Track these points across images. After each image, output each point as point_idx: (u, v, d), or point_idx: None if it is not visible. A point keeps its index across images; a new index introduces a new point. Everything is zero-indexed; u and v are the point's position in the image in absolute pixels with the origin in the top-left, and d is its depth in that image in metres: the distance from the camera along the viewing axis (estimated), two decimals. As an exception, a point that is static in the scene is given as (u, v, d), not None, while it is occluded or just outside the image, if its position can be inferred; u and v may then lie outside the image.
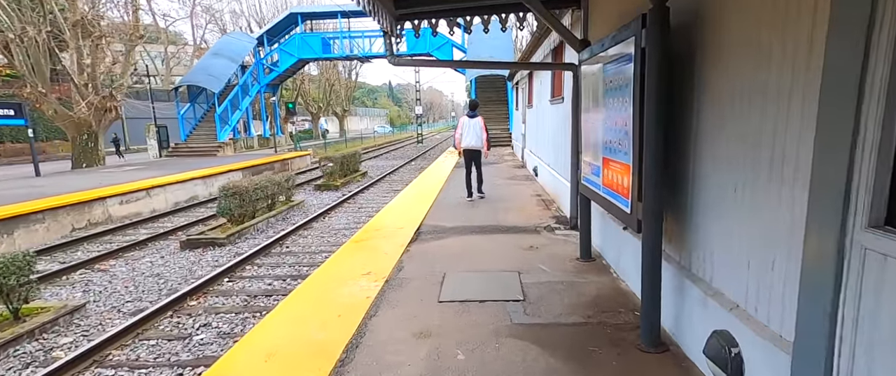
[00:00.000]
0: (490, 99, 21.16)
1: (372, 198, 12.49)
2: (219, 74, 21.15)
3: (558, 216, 6.36)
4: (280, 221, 9.82)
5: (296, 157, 20.38)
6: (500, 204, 7.41)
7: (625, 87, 2.80)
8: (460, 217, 6.52)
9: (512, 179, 10.33)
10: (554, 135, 7.63)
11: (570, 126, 5.43)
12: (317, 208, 11.31)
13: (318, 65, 40.29)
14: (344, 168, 15.42)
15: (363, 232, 5.93)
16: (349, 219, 9.99)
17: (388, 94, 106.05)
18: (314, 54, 25.19)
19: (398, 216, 6.91)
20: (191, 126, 22.35)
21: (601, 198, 3.43)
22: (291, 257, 7.17)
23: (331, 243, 7.92)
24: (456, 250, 4.84)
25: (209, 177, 13.76)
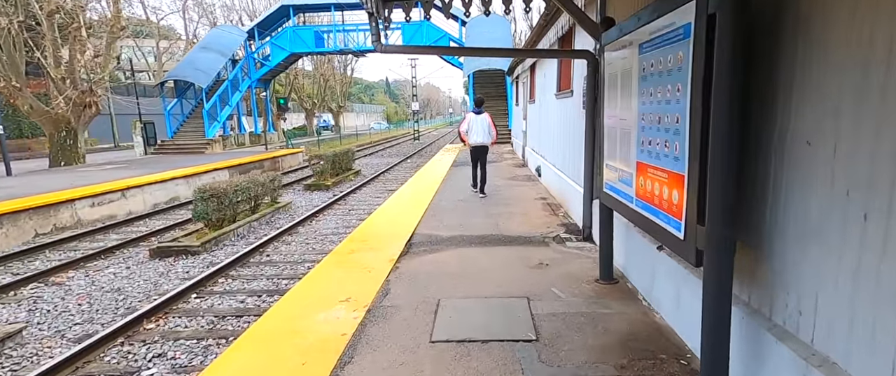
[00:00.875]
0: (488, 94, 20.41)
1: (364, 199, 11.79)
2: (207, 69, 20.35)
3: (567, 223, 5.69)
4: (263, 225, 9.12)
5: (287, 155, 19.64)
6: (501, 208, 6.72)
7: (674, 73, 2.12)
8: (457, 224, 5.84)
9: (513, 180, 9.64)
10: (561, 132, 6.95)
11: (584, 123, 4.75)
12: (305, 210, 10.61)
13: (312, 60, 39.47)
14: (335, 166, 14.71)
15: (348, 241, 5.24)
16: (338, 222, 9.29)
17: (385, 90, 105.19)
18: (307, 48, 24.40)
19: (389, 221, 6.23)
20: (178, 122, 21.55)
21: (633, 213, 2.75)
22: (271, 268, 6.48)
23: (316, 251, 7.23)
24: (452, 267, 4.16)
25: (192, 177, 13.02)
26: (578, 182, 5.63)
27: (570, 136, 6.25)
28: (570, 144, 6.24)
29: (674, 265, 2.75)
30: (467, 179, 9.79)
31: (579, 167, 5.48)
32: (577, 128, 5.74)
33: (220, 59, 21.45)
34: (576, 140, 5.81)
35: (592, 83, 4.54)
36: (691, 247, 1.99)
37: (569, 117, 6.31)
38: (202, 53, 21.12)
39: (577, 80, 5.82)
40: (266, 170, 17.65)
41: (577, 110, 5.73)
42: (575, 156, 5.85)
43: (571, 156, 6.13)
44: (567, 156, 6.44)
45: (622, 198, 2.95)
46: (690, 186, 1.99)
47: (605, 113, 3.31)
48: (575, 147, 5.85)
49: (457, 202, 7.38)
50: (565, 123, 6.55)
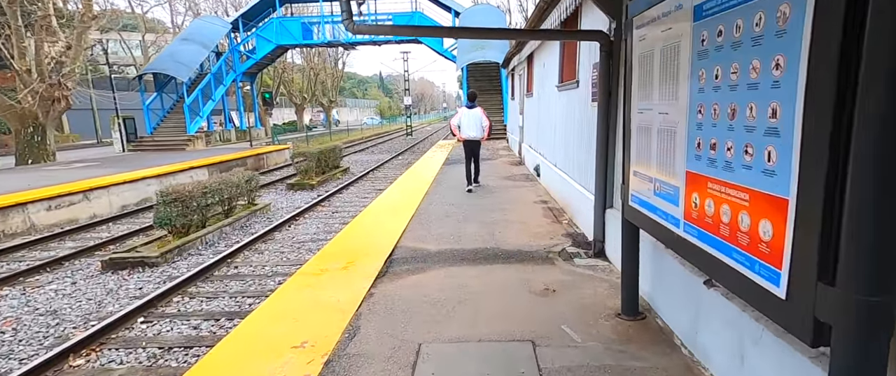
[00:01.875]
0: (482, 88, 19.66)
1: (350, 200, 11.02)
2: (188, 61, 19.40)
3: (573, 233, 4.96)
4: (237, 231, 8.32)
5: (272, 152, 18.78)
6: (497, 214, 5.99)
7: (768, 41, 1.38)
8: (447, 234, 5.10)
9: (509, 179, 8.91)
10: (563, 129, 6.21)
11: (595, 119, 4.01)
12: (285, 212, 9.83)
13: (302, 53, 38.45)
14: (321, 164, 13.91)
15: (320, 257, 4.48)
16: (319, 226, 8.52)
17: (379, 85, 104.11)
18: (294, 40, 23.46)
19: (372, 229, 5.48)
20: (158, 118, 20.59)
21: (679, 241, 2.02)
22: (237, 282, 5.71)
23: (290, 262, 6.46)
24: (439, 294, 3.42)
25: (166, 176, 12.17)
26: (586, 186, 4.91)
27: (574, 134, 5.52)
28: (575, 143, 5.51)
29: (734, 310, 2.03)
30: (460, 179, 9.05)
31: (588, 169, 4.75)
32: (584, 125, 5.01)
33: (202, 51, 20.48)
34: (582, 138, 5.07)
35: (606, 71, 3.81)
36: (804, 317, 1.26)
37: (574, 112, 5.57)
38: (183, 45, 20.14)
39: (583, 69, 5.08)
40: (249, 167, 16.80)
41: (585, 104, 4.99)
42: (581, 156, 5.12)
43: (577, 157, 5.40)
44: (571, 155, 5.71)
45: (659, 218, 2.22)
46: (804, 219, 1.25)
47: (633, 105, 2.57)
48: (581, 146, 5.12)
49: (448, 206, 6.63)
50: (569, 119, 5.82)
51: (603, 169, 3.97)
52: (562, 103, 6.34)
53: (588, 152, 4.84)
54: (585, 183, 4.94)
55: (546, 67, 7.71)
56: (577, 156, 5.36)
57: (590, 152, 4.75)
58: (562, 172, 6.31)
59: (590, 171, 4.71)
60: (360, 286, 3.58)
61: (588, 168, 4.81)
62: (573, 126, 5.59)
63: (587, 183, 4.86)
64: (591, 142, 4.69)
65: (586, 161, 4.90)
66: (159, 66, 19.06)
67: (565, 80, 6.18)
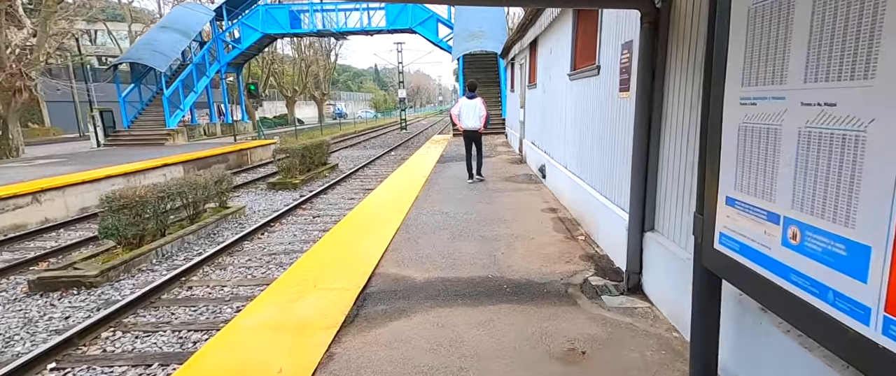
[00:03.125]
0: (479, 80, 18.50)
1: (335, 202, 10.03)
2: (167, 50, 18.23)
3: (594, 255, 4.01)
4: (202, 240, 7.33)
5: (257, 147, 17.72)
6: (499, 227, 5.03)
7: None
8: (439, 254, 4.14)
9: (510, 181, 7.95)
10: (578, 124, 5.25)
11: (631, 113, 3.06)
12: (261, 216, 8.85)
13: (292, 44, 37.19)
14: (306, 161, 12.90)
15: (278, 286, 3.52)
16: (296, 233, 7.55)
17: (374, 78, 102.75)
18: (281, 29, 22.29)
19: (350, 243, 4.53)
20: (136, 111, 19.45)
21: (869, 348, 1.07)
22: (186, 310, 4.74)
23: (255, 281, 5.50)
24: (426, 359, 2.46)
25: (135, 174, 11.13)
26: (611, 196, 3.95)
27: (593, 132, 4.55)
28: (593, 143, 4.55)
29: None
30: (454, 179, 8.10)
31: (613, 177, 3.80)
32: (606, 121, 4.05)
33: (183, 39, 19.31)
34: (604, 137, 4.12)
35: (649, 48, 2.84)
36: None
37: (592, 105, 4.61)
38: (162, 33, 18.95)
39: (606, 51, 4.11)
40: (230, 164, 15.77)
41: (608, 94, 4.03)
42: (603, 159, 4.17)
43: (596, 160, 4.45)
44: (588, 158, 4.75)
45: (802, 292, 1.27)
46: None
47: (728, 92, 1.60)
48: (603, 147, 4.16)
49: (440, 214, 5.67)
50: (585, 113, 4.85)
51: (641, 180, 3.02)
52: (574, 94, 5.37)
53: (612, 155, 3.88)
54: (610, 193, 3.99)
55: (553, 54, 6.72)
56: (598, 160, 4.40)
57: (615, 155, 3.79)
58: (575, 176, 5.36)
59: (617, 180, 3.75)
60: (316, 343, 2.62)
61: (613, 175, 3.85)
62: (591, 122, 4.63)
63: (612, 193, 3.91)
64: (617, 142, 3.74)
65: (610, 166, 3.95)
66: (135, 56, 17.88)
67: (580, 66, 5.20)
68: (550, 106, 7.07)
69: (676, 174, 2.70)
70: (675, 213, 2.72)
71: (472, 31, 18.19)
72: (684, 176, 2.59)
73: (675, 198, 2.73)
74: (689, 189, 2.54)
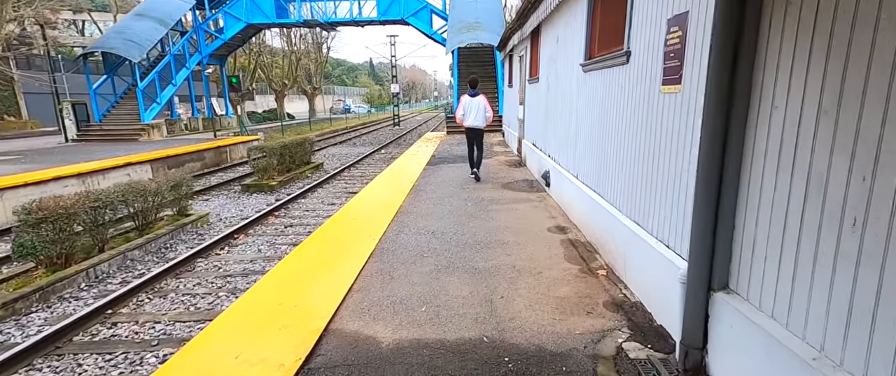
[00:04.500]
0: (474, 74, 17.61)
1: (313, 207, 9.01)
2: (141, 40, 17.04)
3: (624, 301, 3.03)
4: (149, 255, 6.30)
5: (238, 144, 16.59)
6: (496, 254, 4.04)
7: None
8: (418, 298, 3.15)
9: (509, 188, 6.96)
10: (595, 127, 4.26)
11: (693, 120, 2.07)
12: (226, 225, 7.82)
13: (282, 36, 35.93)
14: (286, 161, 11.84)
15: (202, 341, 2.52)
16: (262, 248, 6.53)
17: (369, 72, 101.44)
18: (266, 19, 21.11)
19: (309, 274, 3.52)
20: (109, 104, 18.26)
21: None
22: (99, 358, 3.74)
23: (198, 313, 4.49)
24: None
25: (92, 174, 10.04)
26: (644, 223, 2.97)
27: (620, 136, 3.57)
28: (621, 150, 3.56)
29: None
30: (445, 185, 7.11)
31: (652, 197, 2.82)
32: (641, 123, 3.06)
33: (159, 28, 18.10)
34: (638, 144, 3.13)
35: (732, 22, 1.84)
36: None
37: (618, 102, 3.62)
38: (136, 22, 17.74)
39: (642, 33, 3.12)
40: (207, 162, 14.68)
41: (644, 88, 3.03)
42: (635, 173, 3.18)
43: (625, 173, 3.46)
44: (613, 169, 3.76)
45: None
46: None
47: None
48: (635, 157, 3.17)
49: (426, 234, 4.68)
50: (608, 112, 3.86)
51: (709, 214, 2.03)
52: (590, 89, 4.38)
53: (649, 169, 2.90)
54: (645, 219, 3.00)
55: (562, 42, 5.72)
56: (626, 173, 3.41)
57: (656, 170, 2.81)
58: (590, 190, 4.37)
59: (658, 203, 2.77)
60: None
61: (652, 196, 2.87)
62: (615, 124, 3.64)
63: (649, 219, 2.93)
64: (658, 152, 2.75)
65: (646, 183, 2.96)
66: (106, 45, 16.67)
67: (599, 53, 4.20)
68: (556, 103, 6.08)
69: (784, 210, 1.71)
70: (777, 272, 1.74)
71: (468, 22, 17.14)
72: (805, 215, 1.61)
73: (777, 246, 1.74)
74: (812, 231, 1.56)
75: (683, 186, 2.44)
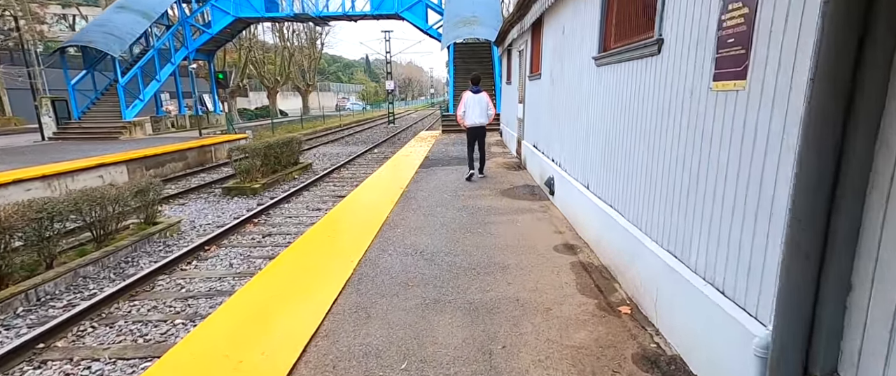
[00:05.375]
0: (471, 71, 16.90)
1: (296, 213, 8.35)
2: (122, 33, 16.27)
3: (659, 355, 2.40)
4: (105, 271, 5.62)
5: (223, 142, 15.87)
6: (497, 285, 3.40)
7: None
8: (398, 345, 2.52)
9: (508, 195, 6.32)
10: (616, 131, 3.63)
11: (775, 127, 1.40)
12: (199, 234, 7.15)
13: (275, 31, 35.12)
14: (271, 161, 11.17)
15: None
16: (234, 262, 5.87)
17: (365, 69, 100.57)
18: (255, 13, 20.37)
19: (284, 295, 2.87)
20: (89, 100, 17.49)
21: None
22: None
23: (145, 348, 3.83)
24: None
25: (60, 176, 9.33)
26: (688, 259, 2.34)
27: (651, 144, 2.94)
28: (652, 162, 2.93)
29: None
30: (438, 191, 6.47)
31: (700, 229, 2.18)
32: (682, 128, 2.43)
33: (142, 21, 17.32)
34: (677, 156, 2.50)
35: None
36: None
37: (646, 101, 2.98)
38: (118, 14, 16.96)
39: (681, 15, 2.48)
40: (189, 162, 13.97)
41: (683, 85, 2.40)
42: (673, 194, 2.54)
43: (658, 192, 2.83)
44: (639, 184, 3.13)
45: None
46: None
47: None
48: (674, 173, 2.54)
49: (413, 254, 4.04)
50: (631, 114, 3.23)
51: (809, 268, 1.39)
52: (606, 86, 3.74)
53: (693, 190, 2.27)
54: (685, 252, 2.37)
55: (569, 33, 5.08)
56: (657, 190, 2.78)
57: (702, 193, 2.18)
58: (606, 205, 3.74)
59: (703, 234, 2.14)
60: None
61: (697, 226, 2.24)
62: (640, 129, 3.01)
63: (691, 254, 2.30)
64: (708, 170, 2.13)
65: (688, 207, 2.33)
66: (84, 38, 15.89)
67: (618, 43, 3.56)
68: (562, 101, 5.44)
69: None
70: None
71: (464, 16, 16.47)
72: None
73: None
74: None
75: (754, 220, 1.80)
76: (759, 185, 1.77)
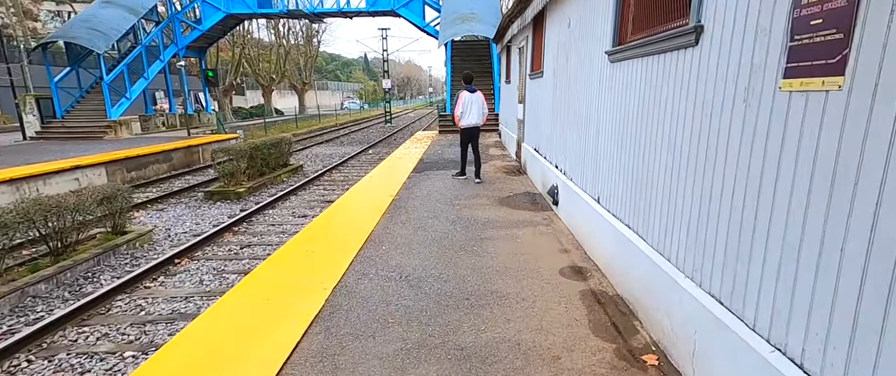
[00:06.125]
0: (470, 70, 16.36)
1: (280, 221, 7.80)
2: (107, 29, 15.66)
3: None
4: (60, 289, 5.06)
5: (212, 142, 15.29)
6: (493, 323, 2.86)
7: None
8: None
9: (507, 205, 5.78)
10: (636, 137, 3.09)
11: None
12: (172, 244, 6.60)
13: (270, 28, 34.53)
14: (258, 163, 10.60)
15: None
16: (205, 277, 5.33)
17: (363, 67, 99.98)
18: (247, 9, 19.77)
19: (241, 332, 2.32)
20: (74, 98, 16.89)
21: None
22: None
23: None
24: None
25: (29, 180, 8.76)
26: (740, 310, 1.79)
27: (672, 154, 2.41)
28: (679, 176, 2.39)
29: None
30: (430, 199, 5.93)
31: (761, 274, 1.61)
32: (720, 139, 1.87)
33: (129, 17, 16.72)
34: (718, 172, 1.95)
35: None
36: None
37: (671, 104, 2.45)
38: (103, 9, 16.35)
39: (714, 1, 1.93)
40: (174, 163, 13.40)
41: (736, 84, 1.85)
42: (710, 219, 2.00)
43: (686, 212, 2.30)
44: (661, 201, 2.59)
45: None
46: None
47: None
48: (711, 192, 1.99)
49: (397, 279, 3.49)
50: (654, 119, 2.70)
51: None
52: (623, 85, 3.20)
53: (750, 219, 1.72)
54: (735, 300, 1.83)
55: (576, 25, 4.53)
56: (696, 215, 2.24)
57: (765, 224, 1.64)
58: (620, 222, 3.19)
59: (767, 280, 1.59)
60: None
61: (757, 267, 1.69)
62: (670, 136, 2.47)
63: (746, 304, 1.75)
64: (775, 198, 1.58)
65: (741, 241, 1.79)
66: (68, 34, 15.28)
67: (638, 35, 3.01)
68: (567, 102, 4.89)
69: None
70: None
71: (462, 13, 15.91)
72: None
73: None
74: None
75: (860, 273, 1.26)
76: (870, 224, 1.23)
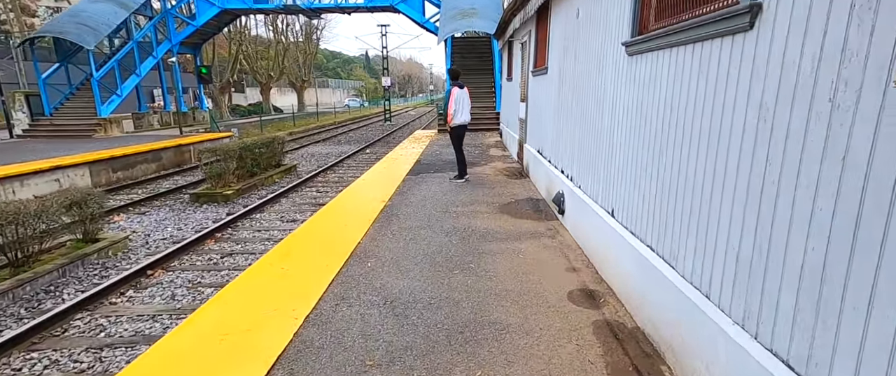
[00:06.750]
0: (470, 67, 15.88)
1: (268, 226, 7.35)
2: (96, 24, 15.20)
3: None
4: (15, 305, 4.62)
5: (204, 141, 14.83)
6: (491, 364, 2.41)
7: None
8: None
9: (508, 213, 5.31)
10: (664, 144, 2.62)
11: None
12: (148, 252, 6.15)
13: (268, 25, 34.04)
14: (248, 164, 10.15)
15: None
16: (178, 291, 4.88)
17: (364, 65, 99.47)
18: (243, 4, 19.29)
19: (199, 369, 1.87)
20: (63, 95, 16.45)
21: None
22: None
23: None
24: None
25: (4, 182, 8.31)
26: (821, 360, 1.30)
27: (716, 168, 1.93)
28: (725, 197, 1.92)
29: None
30: (425, 205, 5.47)
31: (857, 338, 1.10)
32: (795, 154, 1.38)
33: (120, 12, 16.24)
34: (787, 198, 1.47)
35: None
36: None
37: (711, 106, 1.99)
38: (93, 4, 15.87)
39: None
40: (164, 162, 12.95)
41: (805, 77, 1.35)
42: (773, 258, 1.53)
43: (735, 239, 1.82)
44: (697, 224, 2.12)
45: None
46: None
47: None
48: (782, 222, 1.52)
49: (381, 305, 3.04)
50: (692, 123, 2.24)
51: None
52: (647, 81, 2.73)
53: (847, 264, 1.24)
54: (804, 363, 1.36)
55: (586, 16, 4.06)
56: (747, 246, 1.77)
57: (867, 267, 1.13)
58: (640, 242, 2.73)
59: (846, 344, 1.10)
60: None
61: (848, 331, 1.21)
62: (715, 144, 2.00)
63: (816, 371, 1.28)
64: (890, 238, 1.07)
65: (816, 294, 1.32)
66: (56, 29, 14.83)
67: (665, 21, 2.54)
68: (575, 101, 4.42)
69: None
70: None
71: (462, 8, 15.42)
72: None
73: None
74: None
75: None
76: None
